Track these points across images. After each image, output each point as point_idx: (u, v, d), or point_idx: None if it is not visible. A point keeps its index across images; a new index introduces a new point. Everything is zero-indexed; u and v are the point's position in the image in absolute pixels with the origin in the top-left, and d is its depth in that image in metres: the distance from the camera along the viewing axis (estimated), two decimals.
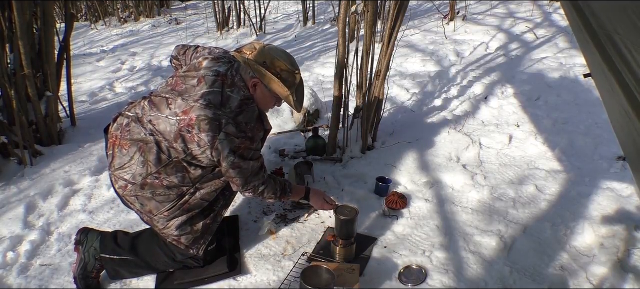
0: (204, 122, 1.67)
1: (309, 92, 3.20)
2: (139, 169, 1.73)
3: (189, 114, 1.68)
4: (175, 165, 1.73)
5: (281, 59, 1.81)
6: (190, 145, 1.70)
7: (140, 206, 1.79)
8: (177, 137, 1.69)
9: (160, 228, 1.82)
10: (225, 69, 1.81)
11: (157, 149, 1.71)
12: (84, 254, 1.88)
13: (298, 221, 2.25)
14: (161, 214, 1.78)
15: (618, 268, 1.82)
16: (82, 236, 1.93)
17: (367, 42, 2.59)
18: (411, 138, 2.84)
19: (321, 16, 6.55)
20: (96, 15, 8.44)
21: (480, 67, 4.02)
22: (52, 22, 3.08)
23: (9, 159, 2.91)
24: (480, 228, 2.10)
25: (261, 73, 1.78)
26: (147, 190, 1.75)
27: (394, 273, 1.88)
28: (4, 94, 2.88)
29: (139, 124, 1.75)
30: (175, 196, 1.77)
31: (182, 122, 1.69)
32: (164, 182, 1.74)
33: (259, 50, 1.81)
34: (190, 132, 1.68)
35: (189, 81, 1.79)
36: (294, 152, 2.83)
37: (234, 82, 1.79)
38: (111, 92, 4.40)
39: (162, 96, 1.78)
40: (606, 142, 2.67)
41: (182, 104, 1.72)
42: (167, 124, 1.71)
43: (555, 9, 5.50)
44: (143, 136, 1.73)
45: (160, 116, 1.73)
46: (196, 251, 1.88)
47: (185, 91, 1.76)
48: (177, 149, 1.71)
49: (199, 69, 1.82)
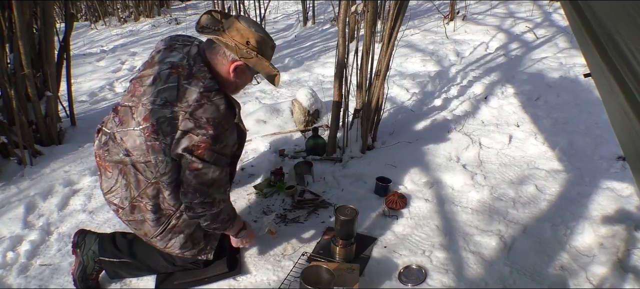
0: (165, 124, 1.52)
1: (309, 92, 3.20)
2: (123, 192, 1.66)
3: (150, 120, 1.54)
4: (153, 187, 1.62)
5: (262, 35, 1.61)
6: (161, 156, 1.56)
7: (135, 230, 1.76)
8: (149, 150, 1.55)
9: (162, 247, 1.77)
10: (179, 59, 1.62)
11: (134, 171, 1.60)
12: (82, 257, 1.86)
13: (298, 221, 2.25)
14: (155, 237, 1.72)
15: (618, 268, 1.82)
16: (79, 238, 1.89)
17: (367, 42, 2.59)
18: (411, 138, 2.84)
19: (321, 16, 6.54)
20: (96, 15, 8.43)
21: (480, 67, 4.02)
22: (52, 22, 3.08)
23: (8, 159, 2.91)
24: (480, 228, 2.10)
25: (247, 55, 1.58)
26: (137, 214, 1.69)
27: (394, 273, 1.88)
28: (4, 94, 2.88)
29: (114, 143, 1.64)
30: (164, 219, 1.69)
31: (146, 130, 1.54)
32: (148, 206, 1.65)
33: (236, 28, 1.58)
34: (157, 139, 1.53)
35: (145, 82, 1.62)
36: (294, 152, 2.83)
37: (192, 73, 1.57)
38: (111, 92, 4.40)
39: (126, 106, 1.64)
40: (606, 142, 2.67)
41: (142, 110, 1.57)
42: (136, 138, 1.57)
43: (555, 9, 5.50)
44: (121, 157, 1.62)
45: (128, 130, 1.59)
46: (205, 257, 1.85)
47: (143, 94, 1.60)
48: (150, 163, 1.57)
49: (153, 64, 1.66)
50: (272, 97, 3.81)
